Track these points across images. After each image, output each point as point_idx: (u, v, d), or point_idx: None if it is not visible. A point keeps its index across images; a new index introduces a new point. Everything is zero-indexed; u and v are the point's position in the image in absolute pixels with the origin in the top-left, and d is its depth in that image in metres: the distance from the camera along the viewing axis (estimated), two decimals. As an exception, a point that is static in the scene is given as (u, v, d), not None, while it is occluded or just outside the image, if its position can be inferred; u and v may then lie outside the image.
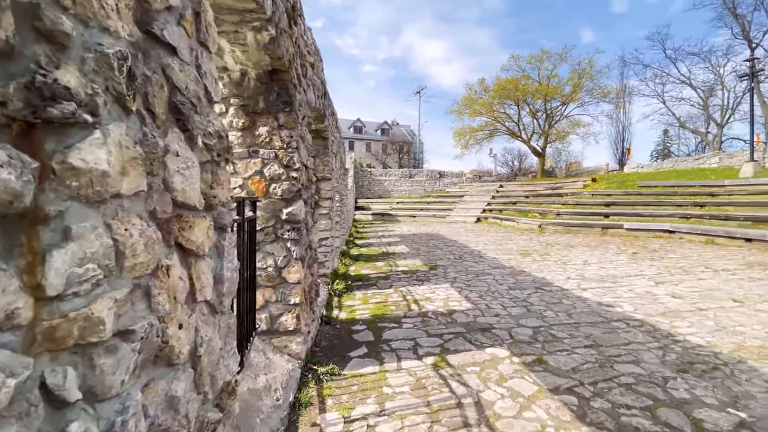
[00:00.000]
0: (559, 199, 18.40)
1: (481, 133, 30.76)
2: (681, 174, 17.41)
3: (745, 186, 13.49)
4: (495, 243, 11.45)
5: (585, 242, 11.37)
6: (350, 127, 56.99)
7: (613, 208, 15.11)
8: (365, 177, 30.91)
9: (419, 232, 15.44)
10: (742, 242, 9.81)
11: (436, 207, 24.48)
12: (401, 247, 10.59)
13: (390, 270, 7.31)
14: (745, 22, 22.28)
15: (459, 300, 5.12)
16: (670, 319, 4.20)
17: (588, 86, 26.19)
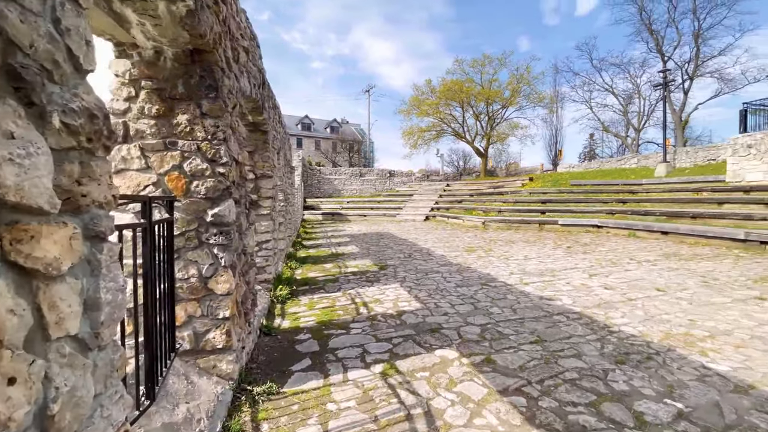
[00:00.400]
0: (500, 198, 19.32)
1: (428, 133, 31.47)
2: (606, 174, 19.16)
3: (659, 184, 15.13)
4: (443, 240, 11.65)
5: (525, 238, 11.97)
6: (298, 123, 55.35)
7: (549, 206, 16.18)
8: (314, 176, 30.16)
9: (370, 231, 15.29)
10: (659, 235, 10.94)
11: (386, 206, 24.54)
12: (351, 248, 10.35)
13: (339, 272, 7.04)
14: (659, 37, 25.20)
15: (408, 300, 5.01)
16: (605, 310, 4.44)
17: (525, 91, 27.92)
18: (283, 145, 8.86)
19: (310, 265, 7.78)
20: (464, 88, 27.29)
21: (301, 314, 4.52)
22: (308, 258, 8.66)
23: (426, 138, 31.54)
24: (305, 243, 11.42)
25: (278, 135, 7.16)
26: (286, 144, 9.82)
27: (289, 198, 9.93)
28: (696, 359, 3.03)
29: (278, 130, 7.34)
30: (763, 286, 5.32)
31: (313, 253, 9.39)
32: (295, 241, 10.94)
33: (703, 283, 5.63)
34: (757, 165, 11.58)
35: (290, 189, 10.12)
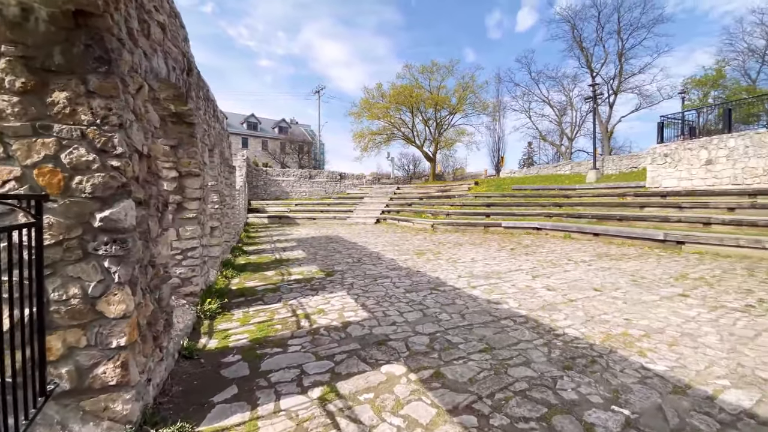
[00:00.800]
0: (448, 201, 19.76)
1: (379, 136, 31.51)
2: (544, 179, 20.42)
3: (590, 189, 16.36)
4: (393, 244, 11.50)
5: (471, 240, 12.23)
6: (243, 122, 52.79)
7: (493, 209, 16.79)
8: (260, 177, 28.74)
9: (319, 235, 14.75)
10: (591, 236, 11.73)
11: (336, 209, 24.03)
12: (297, 253, 9.79)
13: (281, 280, 6.52)
14: (588, 54, 27.62)
15: (355, 309, 4.69)
16: (549, 312, 4.47)
17: (471, 99, 29.04)
18: (221, 142, 8.13)
19: (249, 273, 7.15)
20: (413, 93, 27.73)
21: (232, 331, 4.00)
22: (248, 265, 8.00)
23: (377, 141, 31.57)
24: (246, 249, 10.63)
25: (212, 130, 6.49)
26: (224, 141, 9.05)
27: (227, 200, 9.16)
28: (636, 360, 3.07)
29: (212, 125, 6.67)
30: (684, 283, 5.77)
31: (254, 260, 8.71)
32: (235, 246, 10.13)
33: (633, 282, 5.98)
34: (672, 172, 12.94)
35: (229, 190, 9.35)
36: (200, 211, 4.80)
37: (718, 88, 24.70)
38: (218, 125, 7.81)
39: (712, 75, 24.70)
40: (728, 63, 24.53)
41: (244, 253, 9.64)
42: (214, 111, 7.17)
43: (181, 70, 3.91)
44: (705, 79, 25.02)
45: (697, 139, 12.44)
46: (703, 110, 14.54)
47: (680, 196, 12.10)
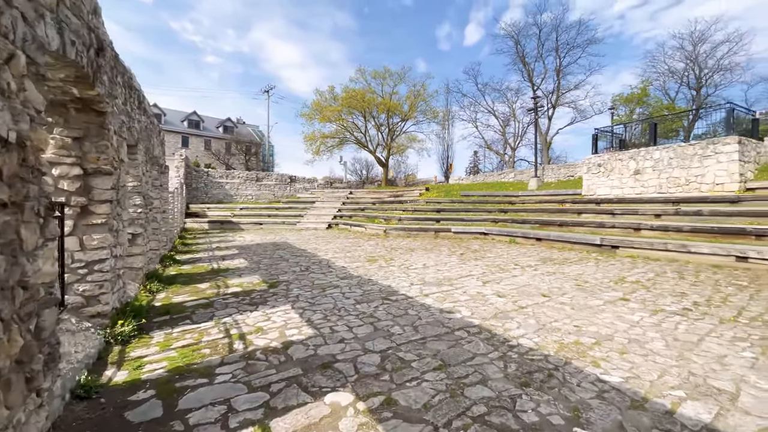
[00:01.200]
0: (400, 206, 19.77)
1: (331, 140, 30.94)
2: (490, 186, 21.24)
3: (532, 196, 17.23)
4: (344, 250, 11.09)
5: (423, 245, 12.20)
6: (184, 120, 49.31)
7: (443, 214, 17.06)
8: (201, 179, 26.77)
9: (264, 241, 13.88)
10: (534, 241, 12.24)
11: (286, 213, 23.03)
12: (238, 261, 9.02)
13: (216, 294, 5.85)
14: (530, 69, 29.46)
15: (299, 326, 4.25)
16: (502, 321, 4.37)
17: (422, 107, 29.58)
18: (148, 138, 7.23)
19: (179, 286, 6.36)
20: (366, 98, 27.61)
21: (149, 359, 3.37)
22: (179, 277, 7.14)
23: (329, 145, 30.96)
24: (180, 257, 9.60)
25: (135, 123, 5.68)
26: (153, 137, 8.09)
27: (155, 203, 8.18)
28: (591, 371, 3.00)
29: (136, 118, 5.85)
30: (623, 287, 6.06)
31: (187, 270, 7.83)
32: (167, 255, 9.09)
33: (577, 286, 6.17)
34: (605, 181, 13.98)
35: (158, 192, 8.37)
36: (113, 215, 4.06)
37: (643, 105, 27.68)
38: (145, 119, 6.93)
39: (638, 93, 27.69)
40: (651, 83, 27.69)
41: (176, 263, 8.66)
42: (140, 102, 6.32)
43: (86, 46, 3.25)
44: (631, 97, 27.97)
45: (627, 151, 13.58)
46: (631, 125, 16.00)
47: (612, 203, 13.09)
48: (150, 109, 7.63)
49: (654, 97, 27.96)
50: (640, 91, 27.77)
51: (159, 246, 8.46)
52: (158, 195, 8.46)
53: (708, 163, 11.21)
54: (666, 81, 28.86)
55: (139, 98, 6.19)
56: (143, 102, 6.60)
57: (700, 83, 27.91)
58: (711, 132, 18.02)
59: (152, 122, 7.89)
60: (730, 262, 7.63)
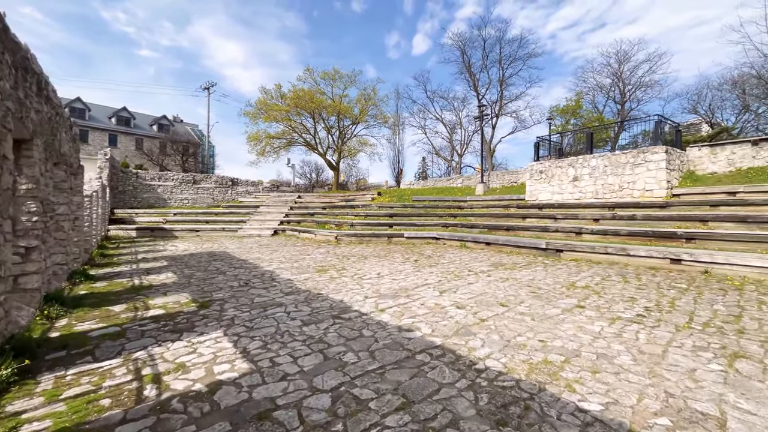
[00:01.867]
0: (352, 211, 19.21)
1: (278, 141, 29.53)
2: (440, 191, 21.49)
3: (479, 201, 17.61)
4: (291, 259, 10.28)
5: (376, 252, 11.77)
6: (113, 116, 44.65)
7: (396, 219, 16.81)
8: (129, 181, 24.02)
9: (200, 250, 12.54)
10: (484, 245, 12.37)
11: (226, 219, 21.34)
12: (166, 276, 7.87)
13: (132, 318, 4.87)
14: (476, 79, 30.57)
15: (232, 359, 3.54)
16: (465, 338, 4.03)
17: (373, 111, 29.35)
18: (53, 133, 5.98)
19: (87, 309, 5.24)
20: (315, 99, 26.73)
21: (28, 415, 2.51)
22: (89, 297, 5.96)
23: (275, 146, 29.50)
24: (94, 272, 8.18)
25: (32, 114, 4.55)
26: (61, 132, 6.76)
27: (59, 209, 6.85)
28: (568, 399, 2.72)
29: (33, 107, 4.72)
30: (575, 292, 6.09)
31: (100, 288, 6.61)
32: (78, 270, 7.66)
33: (532, 293, 6.09)
34: (546, 187, 14.62)
35: (66, 196, 7.01)
36: (-28, 229, 3.07)
37: (577, 117, 30.00)
38: (48, 109, 5.69)
39: (572, 105, 29.95)
40: (583, 96, 30.09)
41: (88, 279, 7.30)
42: (40, 89, 5.15)
43: None
44: (567, 108, 30.18)
45: (566, 159, 14.33)
46: (568, 134, 17.04)
47: (554, 208, 13.69)
48: (56, 98, 6.34)
49: (586, 110, 30.49)
50: (575, 103, 30.13)
51: (67, 259, 7.08)
52: (66, 200, 7.08)
53: (639, 171, 12.13)
54: (595, 95, 31.59)
55: (39, 84, 5.02)
56: (45, 89, 5.40)
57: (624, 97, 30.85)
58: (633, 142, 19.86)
59: (59, 114, 6.58)
60: (666, 264, 8.14)
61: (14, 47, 3.96)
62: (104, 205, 16.96)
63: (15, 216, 4.67)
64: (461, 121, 34.05)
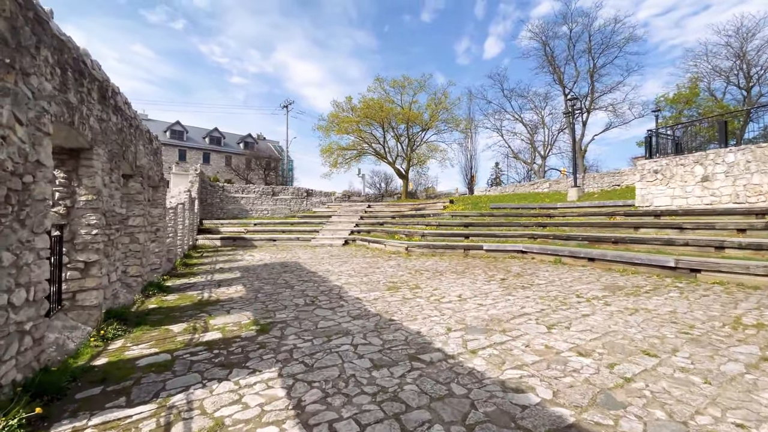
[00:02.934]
0: (423, 220, 18.09)
1: (349, 152, 29.84)
2: (522, 197, 19.32)
3: (573, 208, 15.24)
4: (361, 273, 9.53)
5: (452, 267, 10.48)
6: (206, 137, 50.18)
7: (472, 229, 15.27)
8: (216, 193, 26.05)
9: (274, 260, 12.52)
10: (586, 261, 10.31)
11: (300, 229, 21.78)
12: (235, 289, 7.59)
13: (187, 342, 4.37)
14: (560, 72, 27.54)
15: (281, 419, 2.67)
16: (610, 414, 2.66)
17: (443, 115, 28.08)
18: (123, 144, 5.98)
19: (147, 328, 4.92)
20: (384, 107, 26.41)
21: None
22: (155, 313, 5.75)
23: (347, 157, 29.83)
24: (170, 283, 8.28)
25: (92, 122, 4.39)
26: (136, 144, 6.87)
27: (135, 221, 6.91)
28: None
29: (95, 114, 4.58)
30: (748, 334, 4.20)
31: (169, 302, 6.45)
32: (154, 283, 7.76)
33: (684, 334, 4.35)
34: (664, 190, 11.92)
35: (139, 208, 7.08)
36: None
37: (692, 106, 25.15)
38: (118, 119, 5.69)
39: (686, 92, 25.17)
40: (700, 79, 25.16)
41: (162, 291, 7.30)
42: (105, 97, 5.08)
43: None
44: (678, 97, 25.44)
45: (690, 155, 11.53)
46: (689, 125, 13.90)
47: (677, 216, 11.01)
48: (130, 111, 6.42)
49: (703, 98, 25.37)
50: (689, 91, 25.23)
51: (143, 271, 7.15)
52: (142, 211, 7.19)
53: (810, 166, 9.09)
54: (711, 81, 26.31)
55: (102, 91, 4.93)
56: (111, 98, 5.35)
57: (750, 82, 25.24)
58: (767, 134, 15.67)
59: (133, 126, 6.67)
60: None
61: (59, 45, 3.68)
62: (192, 216, 18.29)
63: (74, 229, 4.49)
64: (543, 120, 30.93)
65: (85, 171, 4.55)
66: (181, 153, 45.87)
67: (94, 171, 4.60)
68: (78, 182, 4.52)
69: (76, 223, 4.49)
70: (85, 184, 4.55)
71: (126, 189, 6.80)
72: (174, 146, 46.23)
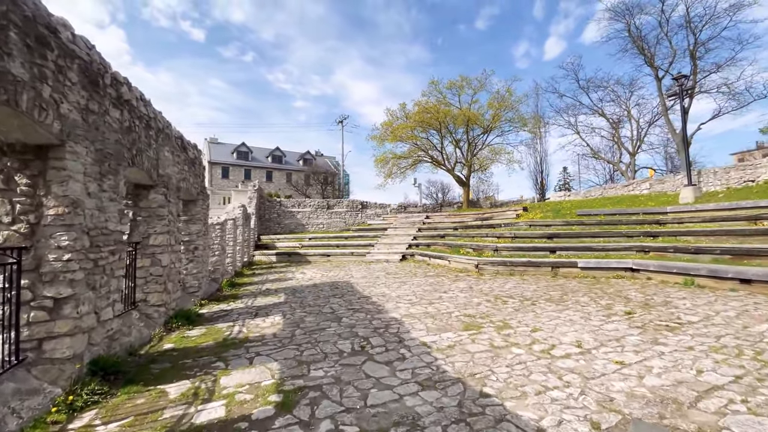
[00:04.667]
0: (492, 231, 15.69)
1: (404, 161, 28.31)
2: (615, 201, 16.05)
3: (692, 212, 11.92)
4: (424, 299, 7.68)
5: (543, 291, 8.17)
6: (269, 156, 52.76)
7: (558, 242, 12.61)
8: (274, 209, 26.01)
9: (324, 279, 11.18)
10: (736, 284, 7.38)
11: (355, 243, 20.52)
12: (272, 321, 6.20)
13: (174, 423, 2.89)
14: (651, 53, 23.33)
15: None
16: None
17: (508, 115, 25.38)
18: (142, 148, 4.89)
19: (137, 390, 3.55)
20: (440, 110, 24.49)
21: None
22: (167, 355, 4.45)
23: (401, 166, 28.31)
24: (205, 310, 7.16)
25: (62, 108, 3.22)
26: (161, 151, 5.84)
27: (157, 239, 5.83)
28: None
29: (72, 98, 3.43)
30: None
31: (191, 340, 5.17)
32: (183, 310, 6.64)
33: None
34: None
35: (162, 225, 5.99)
36: None
37: None
38: (122, 114, 4.61)
39: None
40: None
41: (189, 322, 6.11)
42: (97, 83, 3.98)
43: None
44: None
45: None
46: None
47: None
48: (147, 109, 5.38)
49: None
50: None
51: (167, 299, 6.04)
52: (165, 228, 6.10)
53: None
54: None
55: (90, 75, 3.81)
56: (110, 86, 4.25)
57: None
58: None
59: (153, 128, 5.63)
60: None
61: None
62: (248, 231, 17.88)
63: (39, 254, 3.28)
64: (630, 112, 26.51)
65: (55, 175, 3.37)
66: (246, 172, 48.26)
67: (67, 175, 3.41)
68: (46, 190, 3.35)
69: (42, 245, 3.30)
70: (55, 193, 3.36)
71: (146, 202, 5.78)
72: (240, 166, 48.91)
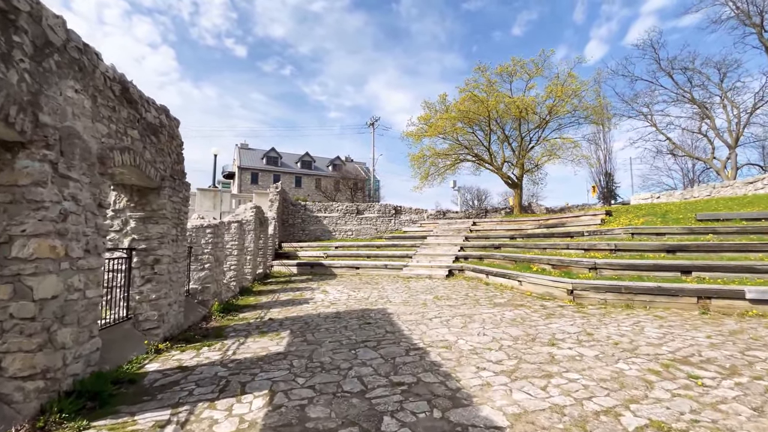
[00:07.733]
0: (570, 242, 11.95)
1: (443, 160, 24.92)
2: (745, 203, 11.94)
3: None
4: (524, 361, 4.36)
5: (719, 349, 4.61)
6: (298, 161, 51.44)
7: (685, 258, 8.77)
8: (298, 213, 23.48)
9: (351, 305, 8.10)
10: None
11: (388, 253, 17.40)
12: (245, 410, 3.15)
13: None
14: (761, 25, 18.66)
15: None
16: None
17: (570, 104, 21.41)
18: None
19: None
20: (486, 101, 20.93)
21: None
22: None
23: (440, 166, 24.93)
24: (153, 369, 4.24)
25: None
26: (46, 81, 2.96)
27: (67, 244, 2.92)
28: None
29: None
30: None
31: None
32: (90, 380, 3.74)
33: None
34: None
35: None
36: None
37: None
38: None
39: None
40: None
41: (89, 413, 3.18)
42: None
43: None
44: None
45: None
46: None
47: None
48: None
49: None
50: None
51: (56, 361, 3.12)
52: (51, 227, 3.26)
53: None
54: None
55: None
56: None
57: None
58: None
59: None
60: None
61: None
62: (264, 239, 15.23)
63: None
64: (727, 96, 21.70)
65: None
66: (276, 177, 46.97)
67: None
68: None
69: None
70: None
71: (8, 175, 2.92)
72: (269, 172, 47.72)
